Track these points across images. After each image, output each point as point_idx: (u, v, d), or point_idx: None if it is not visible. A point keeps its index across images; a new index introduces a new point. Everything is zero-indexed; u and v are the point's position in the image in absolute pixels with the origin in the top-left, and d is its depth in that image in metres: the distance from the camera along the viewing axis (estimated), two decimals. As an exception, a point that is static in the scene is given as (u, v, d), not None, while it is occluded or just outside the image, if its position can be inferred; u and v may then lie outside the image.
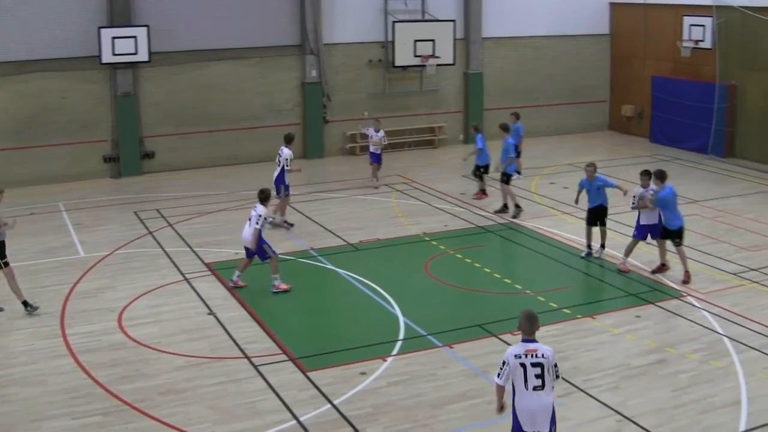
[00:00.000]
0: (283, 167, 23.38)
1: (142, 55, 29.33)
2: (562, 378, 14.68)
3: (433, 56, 33.24)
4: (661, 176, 19.54)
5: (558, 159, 32.61)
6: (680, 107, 34.29)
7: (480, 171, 26.54)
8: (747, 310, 17.89)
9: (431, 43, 33.15)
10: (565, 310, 17.88)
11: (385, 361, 15.47)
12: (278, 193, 23.17)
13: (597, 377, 14.94)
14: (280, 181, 23.37)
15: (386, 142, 28.95)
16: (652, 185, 19.60)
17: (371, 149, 28.70)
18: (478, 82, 35.59)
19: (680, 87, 34.50)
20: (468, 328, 16.83)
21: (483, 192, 26.77)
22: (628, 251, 20.14)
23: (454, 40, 33.84)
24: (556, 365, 10.82)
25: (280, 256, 19.55)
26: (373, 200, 26.52)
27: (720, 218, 24.12)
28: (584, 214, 21.57)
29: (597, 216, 21.13)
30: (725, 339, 16.53)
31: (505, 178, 24.72)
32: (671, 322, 17.48)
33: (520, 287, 19.17)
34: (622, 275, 19.85)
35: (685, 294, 18.76)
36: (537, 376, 10.60)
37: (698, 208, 25.56)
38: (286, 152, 23.47)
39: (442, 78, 34.81)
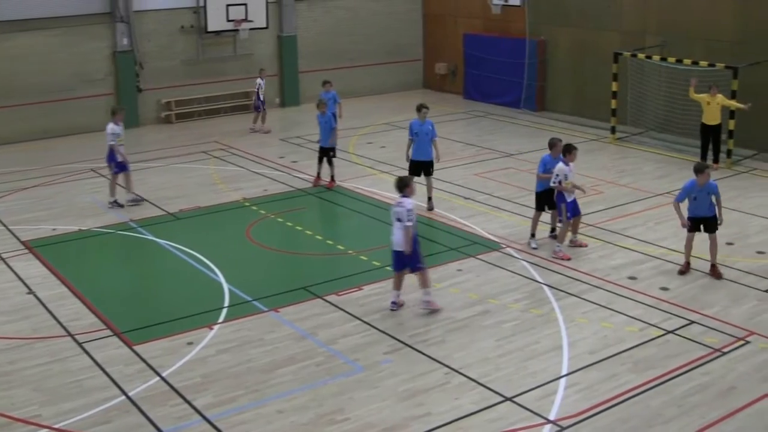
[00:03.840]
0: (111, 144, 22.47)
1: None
2: (389, 335, 15.02)
3: (245, 20, 33.10)
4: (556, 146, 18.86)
5: (375, 119, 32.91)
6: (492, 63, 35.02)
7: (330, 154, 24.08)
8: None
9: (243, 7, 33.02)
10: (388, 268, 18.06)
11: (212, 329, 15.44)
12: (115, 171, 22.52)
13: (423, 331, 15.26)
14: (110, 158, 22.67)
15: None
16: (572, 164, 18.69)
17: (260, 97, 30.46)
18: (292, 45, 35.51)
19: (491, 44, 35.22)
20: (293, 291, 16.93)
21: (332, 178, 24.39)
22: (562, 237, 18.96)
23: (267, 3, 33.78)
24: None
25: (96, 229, 19.20)
26: (191, 168, 26.26)
27: (534, 170, 24.80)
28: (405, 171, 21.92)
29: (420, 168, 21.50)
30: (545, 287, 17.11)
31: (332, 153, 24.01)
32: (492, 273, 17.94)
33: (342, 248, 19.35)
34: (452, 235, 20.16)
35: (504, 246, 19.28)
36: None
37: (513, 162, 26.26)
38: (110, 128, 22.58)
39: (256, 42, 34.58)
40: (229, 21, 32.89)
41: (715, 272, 17.48)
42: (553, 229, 19.54)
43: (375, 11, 37.64)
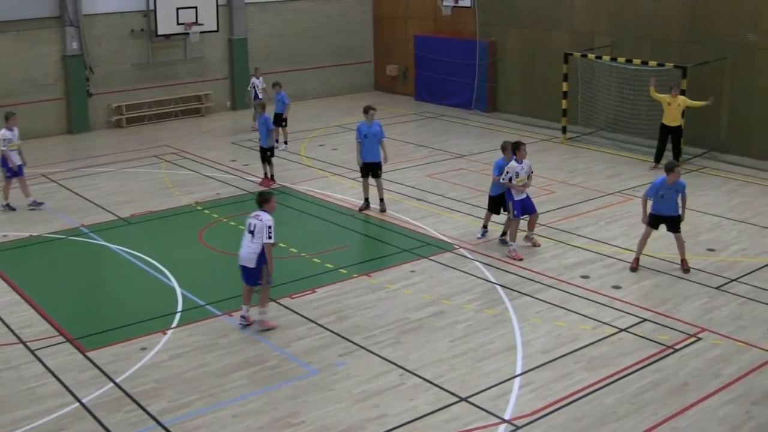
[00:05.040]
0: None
1: None
2: (343, 337, 15.02)
3: (196, 23, 32.95)
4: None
5: (326, 121, 32.90)
6: (443, 65, 35.13)
7: (267, 154, 24.63)
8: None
9: (194, 10, 32.84)
10: (341, 270, 18.14)
11: (165, 334, 15.35)
12: (7, 176, 22.21)
13: (377, 333, 15.27)
14: (2, 164, 22.23)
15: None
16: (526, 161, 18.85)
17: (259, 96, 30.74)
18: (243, 48, 35.40)
19: (442, 45, 35.32)
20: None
21: (271, 178, 24.83)
22: (513, 235, 18.86)
23: (217, 6, 33.63)
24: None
25: (47, 235, 19.03)
26: (142, 172, 26.10)
27: (486, 171, 24.85)
28: (357, 174, 21.97)
29: (371, 169, 21.59)
30: (498, 287, 17.18)
31: (270, 153, 24.46)
32: (445, 274, 17.99)
33: (295, 251, 19.30)
34: (404, 237, 20.20)
35: (457, 246, 19.34)
36: None
37: (465, 162, 26.35)
38: (1, 133, 21.98)
39: (206, 45, 34.43)
40: (179, 24, 32.72)
41: (684, 266, 17.73)
42: (504, 233, 19.53)
43: (325, 13, 37.62)
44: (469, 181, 24.16)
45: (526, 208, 18.94)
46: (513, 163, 18.58)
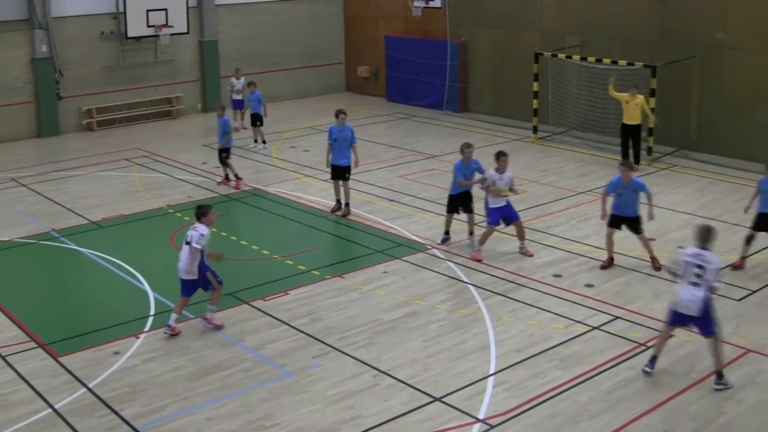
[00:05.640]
0: None
1: None
2: (317, 339, 15.02)
3: (166, 25, 32.85)
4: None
5: (298, 122, 32.88)
6: (414, 66, 35.17)
7: (223, 156, 24.63)
8: (489, 257, 18.67)
9: (164, 12, 32.75)
10: (314, 272, 18.14)
11: (138, 338, 15.30)
12: None
13: (351, 334, 15.29)
14: None
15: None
16: (508, 173, 18.71)
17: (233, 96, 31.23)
18: (214, 50, 35.32)
19: (413, 46, 35.37)
20: (219, 298, 16.84)
21: (232, 177, 24.77)
22: (483, 239, 18.89)
23: (187, 8, 33.56)
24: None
25: (17, 240, 18.92)
26: (113, 176, 25.98)
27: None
28: (329, 175, 21.97)
29: (340, 173, 21.57)
30: (471, 287, 17.23)
31: (225, 155, 24.43)
32: (418, 275, 18.02)
33: (268, 252, 19.30)
34: (381, 239, 20.17)
35: (429, 247, 19.37)
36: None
37: (437, 163, 26.40)
38: None
39: (177, 47, 34.34)
40: (149, 27, 32.63)
41: (655, 263, 17.82)
42: (470, 232, 19.52)
43: (296, 15, 37.59)
44: (441, 182, 24.15)
45: (507, 216, 18.87)
46: (492, 172, 18.58)
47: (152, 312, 16.37)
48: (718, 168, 25.33)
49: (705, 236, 13.49)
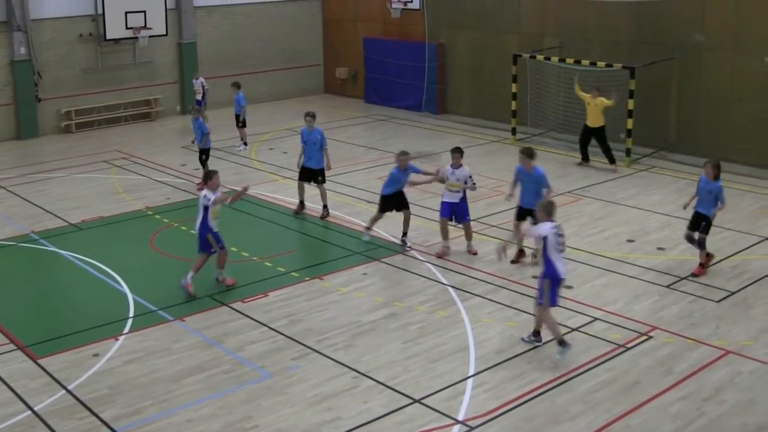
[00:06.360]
0: None
1: None
2: (296, 341, 15.02)
3: (144, 27, 32.78)
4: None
5: (276, 124, 32.86)
6: (393, 67, 35.21)
7: (202, 158, 24.68)
8: (467, 259, 18.73)
9: (142, 14, 32.69)
10: (293, 273, 18.14)
11: (118, 340, 15.27)
12: None
13: (330, 336, 15.29)
14: None
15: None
16: (465, 170, 18.92)
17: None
18: (192, 52, 35.25)
19: (392, 47, 35.42)
20: (198, 300, 16.83)
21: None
22: (442, 233, 19.09)
23: (166, 10, 33.49)
24: None
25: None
26: (92, 178, 25.90)
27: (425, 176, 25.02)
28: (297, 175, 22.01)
29: (310, 175, 21.68)
30: (450, 288, 17.26)
31: (204, 156, 24.50)
32: (397, 276, 18.06)
33: (247, 254, 19.27)
34: (370, 240, 20.09)
35: (409, 248, 19.39)
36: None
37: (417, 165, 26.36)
38: None
39: (155, 49, 34.25)
40: (128, 29, 32.55)
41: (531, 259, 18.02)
42: (404, 233, 19.69)
43: (274, 16, 37.56)
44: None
45: (456, 213, 19.02)
46: (447, 167, 19.00)
47: (131, 314, 16.33)
48: (697, 169, 25.17)
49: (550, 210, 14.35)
